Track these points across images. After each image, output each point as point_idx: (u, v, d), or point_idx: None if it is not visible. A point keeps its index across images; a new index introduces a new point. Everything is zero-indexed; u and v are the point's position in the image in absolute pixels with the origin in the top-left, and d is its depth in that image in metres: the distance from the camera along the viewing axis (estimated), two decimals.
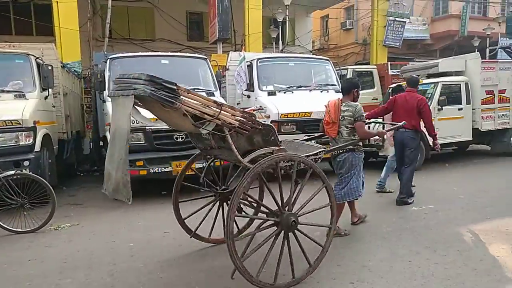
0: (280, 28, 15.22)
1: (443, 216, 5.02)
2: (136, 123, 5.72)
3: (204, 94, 6.61)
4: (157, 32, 16.97)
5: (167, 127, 5.75)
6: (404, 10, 16.92)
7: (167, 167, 5.93)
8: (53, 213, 4.86)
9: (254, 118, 3.07)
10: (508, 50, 19.28)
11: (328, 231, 3.51)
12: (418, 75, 9.83)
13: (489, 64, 9.14)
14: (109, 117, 5.92)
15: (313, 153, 3.60)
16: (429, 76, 9.33)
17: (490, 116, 8.84)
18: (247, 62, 7.55)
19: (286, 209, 3.17)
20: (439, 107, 8.06)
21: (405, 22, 17.11)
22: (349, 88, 4.30)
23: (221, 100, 6.70)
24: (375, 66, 12.88)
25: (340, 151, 4.18)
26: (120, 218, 5.40)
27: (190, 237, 4.02)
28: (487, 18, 20.77)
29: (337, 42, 23.20)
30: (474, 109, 8.68)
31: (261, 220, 3.35)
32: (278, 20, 14.90)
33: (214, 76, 7.03)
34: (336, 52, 22.75)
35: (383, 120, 5.90)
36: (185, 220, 4.07)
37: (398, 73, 11.35)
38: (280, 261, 3.08)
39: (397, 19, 16.68)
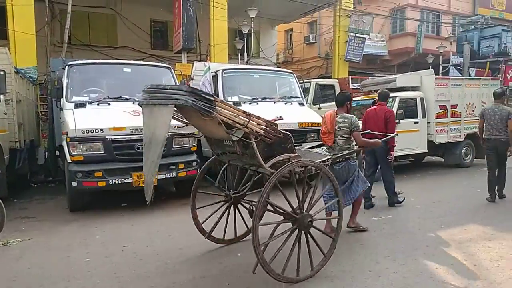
0: (245, 39, 15.36)
1: (401, 225, 5.19)
2: (96, 132, 5.55)
3: None
4: (119, 39, 16.57)
5: (128, 137, 5.69)
6: (364, 27, 17.62)
7: (128, 178, 5.73)
8: (2, 227, 4.55)
9: (276, 127, 3.41)
10: (458, 67, 20.50)
11: (336, 224, 3.89)
12: (377, 90, 10.28)
13: (442, 81, 9.68)
14: (66, 126, 5.68)
15: (325, 159, 4.12)
16: (388, 91, 9.72)
17: (443, 129, 9.31)
18: (212, 72, 7.53)
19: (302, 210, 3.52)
20: (397, 120, 8.37)
21: (365, 38, 17.82)
22: (343, 101, 4.68)
23: None
24: (336, 80, 13.25)
25: (338, 160, 4.48)
26: (76, 232, 5.14)
27: (205, 238, 4.25)
28: (440, 37, 22.10)
29: (301, 56, 23.74)
30: (429, 122, 9.12)
31: (279, 222, 3.65)
32: (244, 32, 15.06)
33: None
34: (299, 65, 23.26)
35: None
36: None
37: (358, 87, 11.74)
38: (299, 257, 3.44)
39: (357, 35, 17.33)
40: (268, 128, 3.29)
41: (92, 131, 5.57)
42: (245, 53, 14.98)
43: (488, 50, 20.38)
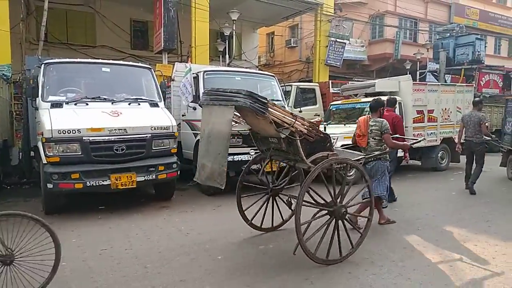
0: (227, 42, 15.33)
1: (380, 228, 5.27)
2: (73, 133, 5.42)
3: (147, 104, 6.49)
4: (98, 38, 16.23)
5: (106, 138, 5.57)
6: (344, 32, 17.90)
7: (106, 180, 5.60)
8: None
9: (318, 127, 3.93)
10: (435, 74, 21.09)
11: (367, 222, 4.33)
12: (356, 94, 10.45)
13: (419, 86, 9.91)
14: (42, 126, 5.51)
15: (359, 158, 4.60)
16: (366, 95, 9.89)
17: (420, 134, 9.51)
18: (193, 73, 7.47)
19: (338, 201, 4.02)
20: None
21: (345, 43, 18.10)
22: (377, 107, 5.19)
23: (166, 111, 6.57)
24: (317, 84, 13.38)
25: (370, 160, 4.94)
26: None
27: (248, 224, 4.79)
28: (417, 44, 22.69)
29: (282, 59, 23.90)
30: (407, 127, 9.31)
31: (317, 210, 4.16)
32: (225, 34, 15.01)
33: (159, 87, 6.85)
34: (281, 68, 23.40)
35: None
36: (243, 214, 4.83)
37: (338, 91, 11.90)
38: (332, 242, 3.93)
39: (338, 40, 17.58)
40: (310, 128, 3.76)
41: (69, 131, 5.42)
42: (227, 55, 14.94)
43: (462, 58, 21.07)
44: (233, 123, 3.85)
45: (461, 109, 10.33)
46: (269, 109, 3.45)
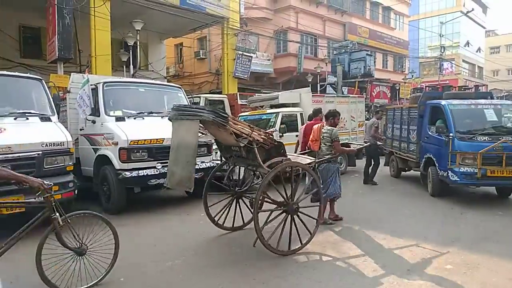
0: (131, 52, 14.73)
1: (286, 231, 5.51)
2: None
3: (37, 118, 5.90)
4: None
5: None
6: (250, 46, 18.54)
7: None
8: None
9: (272, 136, 4.58)
10: (333, 86, 22.93)
11: (318, 211, 4.92)
12: (262, 106, 10.87)
13: (318, 98, 10.71)
14: None
15: (309, 162, 5.22)
16: (271, 106, 10.35)
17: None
18: (91, 85, 7.01)
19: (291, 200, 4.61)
20: (281, 134, 8.98)
21: (251, 56, 18.74)
22: (328, 117, 5.91)
23: (59, 125, 6.05)
24: (226, 96, 13.62)
25: (321, 162, 5.60)
26: None
27: (215, 225, 5.28)
28: (317, 58, 24.49)
29: (192, 70, 23.78)
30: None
31: (274, 208, 4.71)
32: (129, 44, 14.43)
33: (51, 99, 6.29)
34: (191, 79, 23.26)
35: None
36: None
37: (246, 103, 12.25)
38: (291, 234, 4.53)
39: (244, 53, 18.13)
40: (266, 137, 4.35)
41: None
42: (131, 66, 14.35)
43: (356, 71, 23.32)
44: (200, 134, 4.41)
45: (354, 118, 11.39)
46: (229, 122, 4.02)
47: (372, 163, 9.15)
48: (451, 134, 7.02)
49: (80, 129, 7.38)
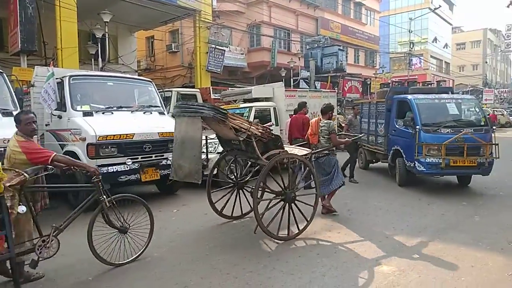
0: (99, 44, 14.25)
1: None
2: None
3: None
4: None
5: None
6: (223, 39, 18.38)
7: None
8: None
9: (270, 130, 4.84)
10: (306, 80, 23.14)
11: (315, 197, 5.16)
12: (236, 100, 10.83)
13: (291, 92, 10.76)
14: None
15: (306, 154, 5.45)
16: (245, 100, 10.32)
17: None
18: (57, 78, 6.73)
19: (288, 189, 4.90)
20: None
21: (224, 50, 18.59)
22: (326, 111, 6.08)
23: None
24: (198, 90, 13.45)
25: (320, 155, 5.82)
26: None
27: (219, 214, 5.55)
28: (290, 53, 24.61)
29: (164, 64, 23.36)
30: (282, 130, 9.97)
31: (273, 197, 4.98)
32: (97, 36, 13.96)
33: (13, 93, 6.01)
34: (163, 73, 22.85)
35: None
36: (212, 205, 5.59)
37: (219, 97, 12.16)
38: (289, 221, 4.82)
39: (217, 47, 17.96)
40: (263, 131, 4.63)
41: None
42: (100, 59, 13.89)
43: (328, 66, 23.60)
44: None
45: None
46: (228, 117, 4.33)
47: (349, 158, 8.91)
48: (417, 127, 7.34)
49: (46, 125, 7.10)
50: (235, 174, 5.87)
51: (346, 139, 6.77)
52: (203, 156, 7.41)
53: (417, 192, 7.49)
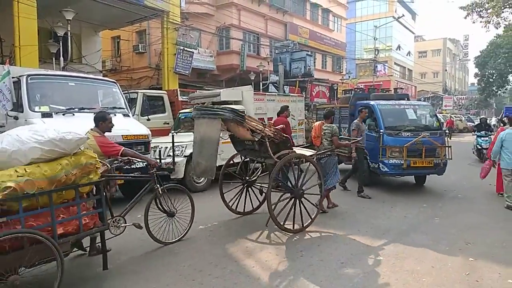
0: (61, 43, 13.64)
1: (225, 231, 5.47)
2: None
3: None
4: None
5: None
6: (192, 41, 18.15)
7: None
8: None
9: (282, 132, 5.43)
10: (275, 85, 23.26)
11: (319, 198, 5.86)
12: (204, 103, 10.68)
13: (259, 96, 10.77)
14: None
15: (312, 154, 6.03)
16: (213, 103, 10.17)
17: None
18: (13, 77, 6.38)
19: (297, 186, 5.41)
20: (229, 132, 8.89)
21: (193, 52, 18.34)
22: (328, 115, 6.61)
23: None
24: (165, 92, 13.14)
25: (323, 156, 6.28)
26: None
27: (229, 209, 6.11)
28: (260, 57, 24.69)
29: (130, 65, 22.76)
30: None
31: (282, 193, 5.51)
32: (59, 34, 13.37)
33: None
34: (129, 74, 22.24)
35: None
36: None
37: (187, 100, 11.96)
38: (295, 216, 5.27)
39: (186, 48, 17.69)
40: (276, 133, 5.18)
41: None
42: (61, 58, 13.31)
43: (297, 71, 23.86)
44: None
45: (295, 117, 11.63)
46: (246, 120, 4.81)
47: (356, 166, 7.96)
48: (381, 131, 7.74)
49: (0, 126, 6.70)
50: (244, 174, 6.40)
51: (346, 142, 7.17)
52: (169, 160, 7.40)
53: (380, 195, 7.68)
